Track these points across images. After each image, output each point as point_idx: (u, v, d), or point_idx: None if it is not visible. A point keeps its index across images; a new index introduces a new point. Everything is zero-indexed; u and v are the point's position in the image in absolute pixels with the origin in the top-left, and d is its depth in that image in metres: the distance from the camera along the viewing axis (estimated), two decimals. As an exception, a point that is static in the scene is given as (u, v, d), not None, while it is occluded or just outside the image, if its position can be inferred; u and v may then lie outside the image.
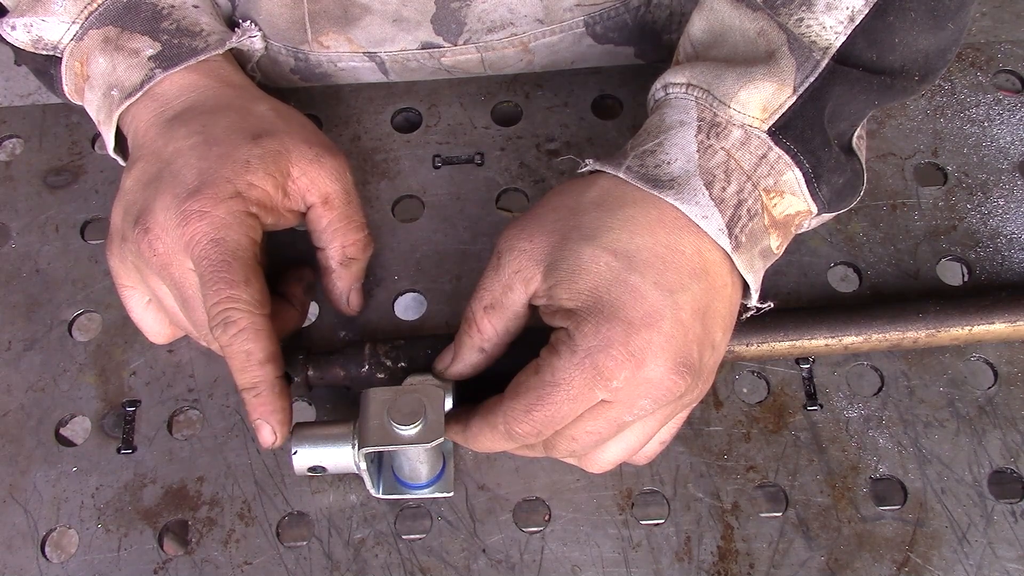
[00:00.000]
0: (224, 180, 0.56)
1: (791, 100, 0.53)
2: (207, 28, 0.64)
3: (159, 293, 0.59)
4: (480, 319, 0.54)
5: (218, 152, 0.57)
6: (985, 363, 0.64)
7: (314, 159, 0.60)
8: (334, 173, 0.60)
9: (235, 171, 0.57)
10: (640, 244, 0.51)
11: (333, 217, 0.61)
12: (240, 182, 0.57)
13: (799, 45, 0.53)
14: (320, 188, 0.60)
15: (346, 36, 0.72)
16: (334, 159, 0.61)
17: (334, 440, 0.56)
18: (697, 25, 0.58)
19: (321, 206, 0.60)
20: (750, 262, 0.53)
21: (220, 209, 0.55)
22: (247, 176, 0.57)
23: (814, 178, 0.54)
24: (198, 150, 0.58)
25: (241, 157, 0.57)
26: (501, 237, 0.55)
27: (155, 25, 0.62)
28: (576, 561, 0.58)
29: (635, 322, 0.49)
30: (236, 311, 0.54)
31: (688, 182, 0.52)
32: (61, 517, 0.60)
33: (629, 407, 0.50)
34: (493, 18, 0.71)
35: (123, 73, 0.61)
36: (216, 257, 0.54)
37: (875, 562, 0.57)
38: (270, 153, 0.58)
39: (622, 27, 0.75)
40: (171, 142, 0.59)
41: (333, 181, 0.60)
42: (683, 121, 0.54)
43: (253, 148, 0.58)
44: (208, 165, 0.57)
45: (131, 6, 0.62)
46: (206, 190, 0.55)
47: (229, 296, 0.54)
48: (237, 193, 0.56)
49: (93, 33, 0.62)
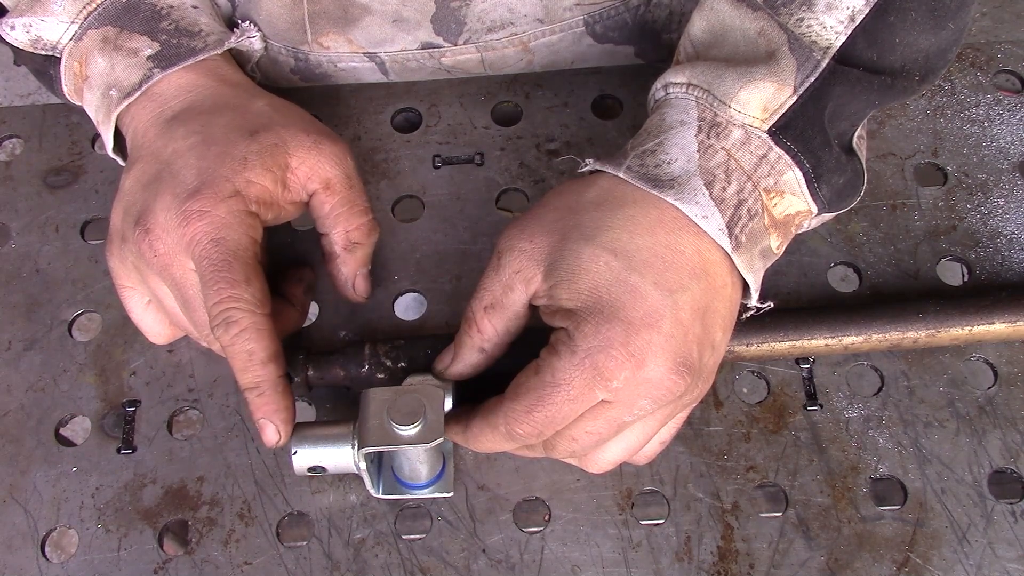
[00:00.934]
0: (223, 179, 0.56)
1: (791, 100, 0.53)
2: (206, 28, 0.64)
3: (159, 293, 0.58)
4: (480, 319, 0.54)
5: (216, 151, 0.57)
6: (985, 363, 0.64)
7: (312, 146, 0.59)
8: (334, 158, 0.60)
9: (234, 169, 0.57)
10: (640, 244, 0.51)
11: (336, 202, 0.60)
12: (239, 180, 0.57)
13: (799, 45, 0.53)
14: (320, 174, 0.60)
15: (346, 37, 0.72)
16: (334, 144, 0.61)
17: (334, 440, 0.56)
18: (697, 25, 0.58)
19: (323, 192, 0.60)
20: (750, 262, 0.53)
21: (220, 208, 0.55)
22: (245, 173, 0.57)
23: (814, 178, 0.54)
24: (197, 150, 0.58)
25: (239, 155, 0.57)
26: (501, 237, 0.55)
27: (154, 25, 0.62)
28: (576, 561, 0.58)
29: (635, 322, 0.49)
30: (237, 311, 0.54)
31: (688, 182, 0.52)
32: (61, 517, 0.60)
33: (629, 407, 0.50)
34: (493, 18, 0.71)
35: (122, 73, 0.61)
36: (217, 257, 0.54)
37: (875, 562, 0.57)
38: (267, 148, 0.58)
39: (622, 26, 0.75)
40: (170, 142, 0.59)
41: (333, 166, 0.60)
42: (683, 121, 0.54)
43: (251, 145, 0.58)
44: (207, 164, 0.57)
45: (130, 6, 0.62)
46: (206, 190, 0.55)
47: (230, 296, 0.54)
48: (236, 192, 0.56)
49: (92, 33, 0.62)
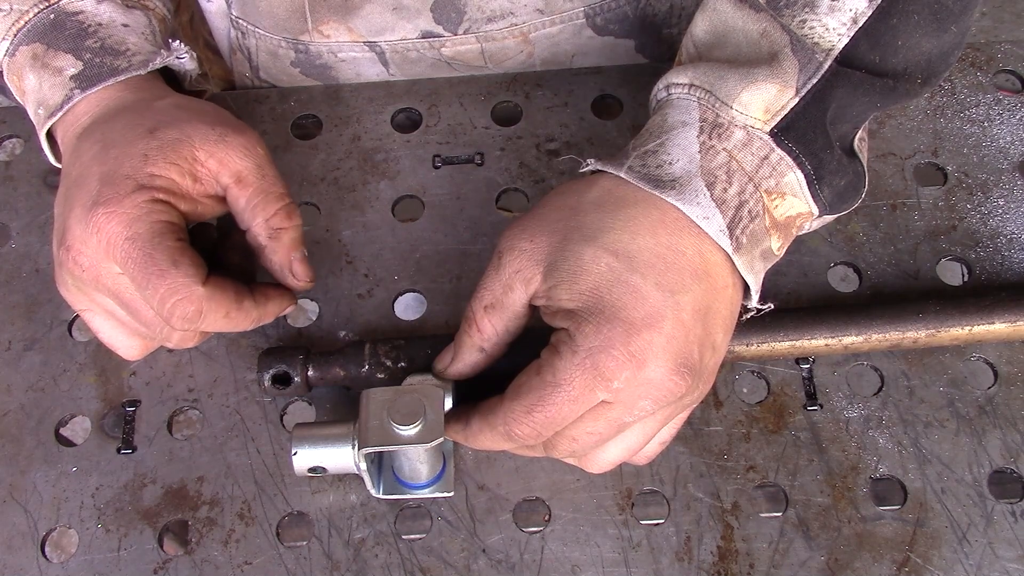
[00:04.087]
0: (123, 177, 0.55)
1: (793, 101, 0.53)
2: (133, 48, 0.63)
3: (108, 307, 0.58)
4: (480, 319, 0.54)
5: (115, 153, 0.57)
6: (985, 363, 0.64)
7: (218, 139, 0.58)
8: (242, 150, 0.59)
9: (134, 166, 0.56)
10: (641, 245, 0.51)
11: (250, 193, 0.59)
12: (140, 175, 0.56)
13: (802, 46, 0.53)
14: (230, 167, 0.58)
15: (346, 25, 0.72)
16: (240, 136, 0.59)
17: (334, 441, 0.56)
18: (700, 26, 0.58)
19: (236, 186, 0.59)
20: (751, 263, 0.53)
21: (125, 205, 0.54)
22: (146, 168, 0.56)
23: (816, 180, 0.54)
24: (98, 157, 0.57)
25: (138, 152, 0.56)
26: (502, 237, 0.55)
27: (79, 43, 0.61)
28: (576, 561, 0.58)
29: (636, 323, 0.49)
30: (181, 301, 0.54)
31: (690, 183, 0.52)
32: (61, 517, 0.60)
33: (630, 408, 0.50)
34: (493, 7, 0.71)
35: (47, 92, 0.61)
36: (137, 254, 0.54)
37: (875, 562, 0.57)
38: (168, 142, 0.57)
39: (622, 19, 0.75)
40: (77, 159, 0.58)
41: (242, 158, 0.59)
42: (685, 122, 0.54)
43: (150, 141, 0.57)
44: (107, 168, 0.56)
45: (57, 23, 0.62)
46: (107, 191, 0.55)
47: (167, 289, 0.53)
48: (140, 186, 0.55)
49: (23, 50, 0.61)
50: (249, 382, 0.64)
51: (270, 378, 0.60)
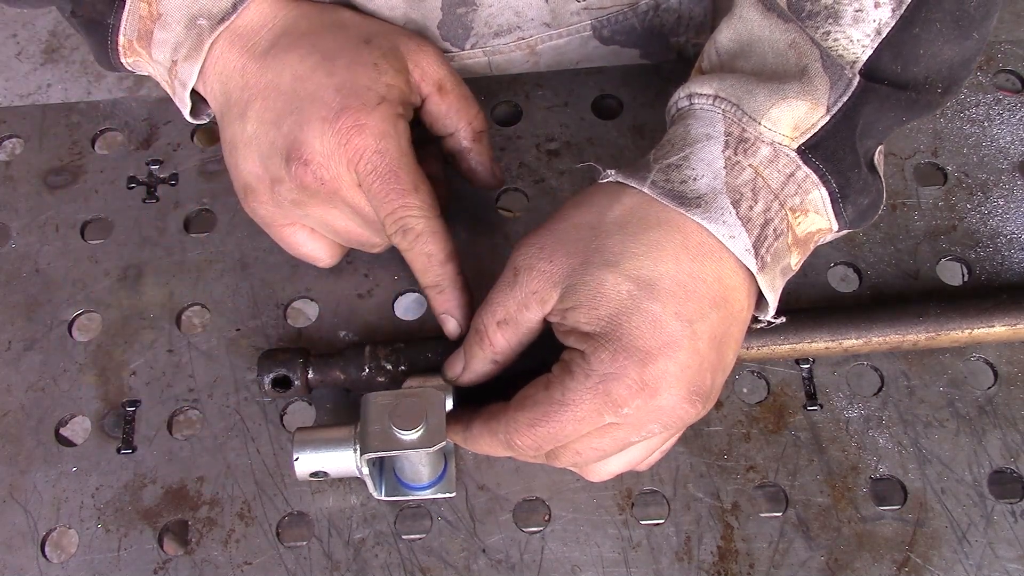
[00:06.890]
0: (364, 88, 0.55)
1: (824, 120, 0.51)
2: None
3: (327, 219, 0.59)
4: (493, 333, 0.53)
5: (343, 63, 0.56)
6: (985, 363, 0.64)
7: (418, 48, 0.59)
8: (438, 57, 0.60)
9: (371, 77, 0.56)
10: (663, 272, 0.49)
11: (451, 99, 0.61)
12: (379, 86, 0.56)
13: (831, 62, 0.51)
14: (432, 75, 0.60)
15: None
16: (431, 44, 0.61)
17: (335, 445, 0.56)
18: (725, 33, 0.56)
19: (437, 94, 0.60)
20: (772, 281, 0.52)
21: (374, 118, 0.55)
22: (383, 79, 0.56)
23: (840, 198, 0.52)
24: (323, 67, 0.56)
25: (368, 62, 0.56)
26: (517, 253, 0.53)
27: None
28: (576, 561, 0.58)
29: (652, 351, 0.48)
30: (412, 218, 0.56)
31: (715, 200, 0.50)
32: (61, 517, 0.60)
33: (637, 430, 0.50)
34: (500, 22, 0.71)
35: (206, 1, 0.58)
36: (384, 168, 0.55)
37: (875, 562, 0.57)
38: (389, 52, 0.58)
39: (629, 31, 0.74)
40: (284, 70, 0.57)
41: (441, 64, 0.60)
42: (709, 135, 0.52)
43: (373, 51, 0.57)
44: (342, 79, 0.56)
45: None
46: (353, 102, 0.55)
47: (403, 205, 0.55)
48: (382, 98, 0.56)
49: None
50: (249, 382, 0.64)
51: (270, 381, 0.60)
